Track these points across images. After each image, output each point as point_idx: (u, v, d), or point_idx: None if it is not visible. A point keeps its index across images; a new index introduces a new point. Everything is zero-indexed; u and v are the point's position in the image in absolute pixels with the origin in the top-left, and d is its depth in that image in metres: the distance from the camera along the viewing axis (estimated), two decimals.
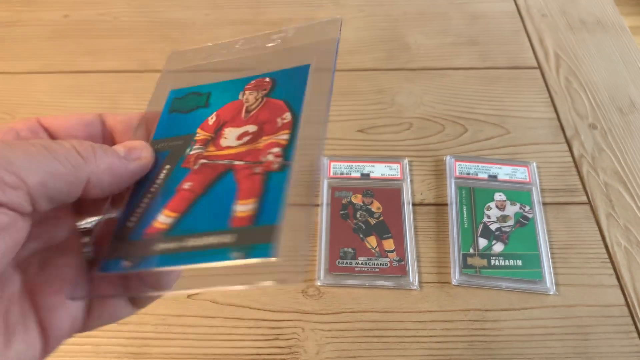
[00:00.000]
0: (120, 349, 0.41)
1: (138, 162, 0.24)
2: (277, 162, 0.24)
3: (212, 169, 0.24)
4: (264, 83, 0.27)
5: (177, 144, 0.26)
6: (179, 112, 0.27)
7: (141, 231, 0.23)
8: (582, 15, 0.66)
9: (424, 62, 0.61)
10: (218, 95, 0.27)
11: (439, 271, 0.45)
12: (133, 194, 0.25)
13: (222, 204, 0.23)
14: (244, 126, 0.26)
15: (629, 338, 0.41)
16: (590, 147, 0.53)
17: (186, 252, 0.22)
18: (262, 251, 0.22)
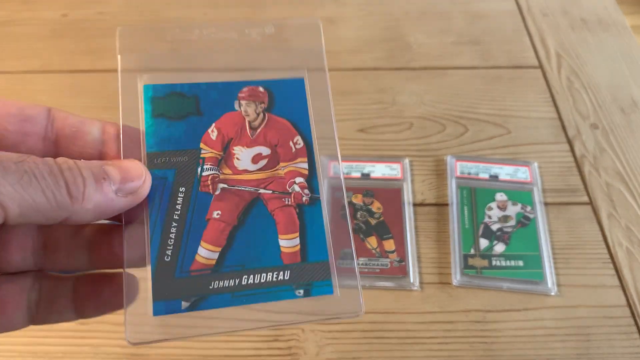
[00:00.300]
0: (119, 350, 0.40)
1: (131, 197, 0.22)
2: (306, 195, 0.25)
3: (238, 196, 0.24)
4: (259, 93, 0.26)
5: (182, 161, 0.25)
6: (168, 119, 0.25)
7: (187, 267, 0.23)
8: (584, 15, 0.66)
9: (425, 62, 0.60)
10: (209, 101, 0.26)
11: (439, 272, 0.45)
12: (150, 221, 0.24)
13: (266, 238, 0.24)
14: (254, 147, 0.25)
15: (631, 339, 0.41)
16: (591, 147, 0.53)
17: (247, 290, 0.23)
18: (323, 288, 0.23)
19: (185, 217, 0.23)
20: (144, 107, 0.25)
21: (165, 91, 0.26)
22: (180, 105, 0.26)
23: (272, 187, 0.25)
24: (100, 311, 0.23)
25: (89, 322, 0.41)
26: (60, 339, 0.41)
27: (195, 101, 0.26)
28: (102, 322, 0.42)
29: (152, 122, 0.25)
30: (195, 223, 0.23)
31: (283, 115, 0.26)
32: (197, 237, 0.23)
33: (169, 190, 0.24)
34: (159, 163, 0.24)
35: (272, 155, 0.25)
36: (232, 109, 0.26)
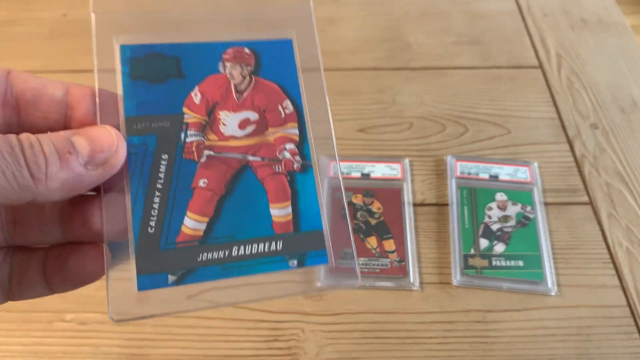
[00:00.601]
0: (119, 349, 0.40)
1: (102, 169, 0.20)
2: (298, 162, 0.24)
3: (225, 164, 0.23)
4: (244, 55, 0.25)
5: (164, 126, 0.23)
6: (147, 81, 0.24)
7: (172, 239, 0.22)
8: (584, 15, 0.66)
9: (425, 62, 0.60)
10: (190, 63, 0.24)
11: (439, 272, 0.45)
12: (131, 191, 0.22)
13: (256, 207, 0.23)
14: (241, 111, 0.24)
15: (631, 339, 0.41)
16: (591, 146, 0.53)
17: (237, 262, 0.22)
18: (317, 258, 0.22)
19: (169, 186, 0.22)
20: (122, 69, 0.24)
21: (144, 52, 0.24)
22: (161, 67, 0.24)
23: (261, 153, 0.24)
24: (70, 285, 0.22)
25: (89, 322, 0.41)
26: (60, 339, 0.41)
27: (176, 63, 0.24)
28: (102, 322, 0.42)
29: (131, 85, 0.23)
30: (180, 192, 0.22)
31: (271, 79, 0.25)
32: (183, 207, 0.22)
33: (151, 157, 0.22)
34: (138, 129, 0.23)
35: (261, 121, 0.24)
36: (216, 71, 0.24)
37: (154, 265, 0.21)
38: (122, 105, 0.23)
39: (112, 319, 0.20)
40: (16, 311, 0.42)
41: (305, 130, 0.24)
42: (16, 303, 0.42)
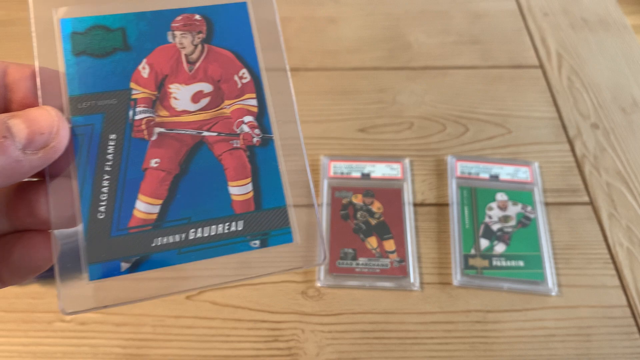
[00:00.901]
0: (118, 350, 0.40)
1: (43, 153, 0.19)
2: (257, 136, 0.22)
3: (178, 140, 0.22)
4: (195, 22, 0.23)
5: (111, 104, 0.21)
6: (91, 56, 0.22)
7: (124, 224, 0.20)
8: (584, 14, 0.66)
9: (426, 61, 0.60)
10: (137, 34, 0.23)
11: (440, 272, 0.45)
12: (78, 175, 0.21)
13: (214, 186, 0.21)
14: (194, 84, 0.22)
15: (631, 339, 0.41)
16: (592, 146, 0.53)
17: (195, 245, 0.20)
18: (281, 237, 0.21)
19: (119, 168, 0.21)
20: (63, 45, 0.22)
21: (86, 25, 0.22)
22: (105, 40, 0.22)
23: (217, 128, 0.22)
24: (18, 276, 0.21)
25: (89, 322, 0.41)
26: (60, 339, 0.41)
27: (122, 34, 0.22)
28: (101, 323, 0.41)
29: (73, 62, 0.22)
30: (130, 174, 0.21)
31: (225, 46, 0.23)
32: (134, 190, 0.21)
33: (98, 138, 0.21)
34: (83, 108, 0.21)
35: (215, 93, 0.22)
36: (165, 42, 0.23)
37: (105, 253, 0.20)
38: (65, 84, 0.21)
39: (64, 311, 0.19)
40: (16, 311, 0.42)
41: (265, 100, 0.23)
42: (16, 303, 0.43)
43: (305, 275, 0.44)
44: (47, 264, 0.20)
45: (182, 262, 0.20)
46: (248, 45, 0.23)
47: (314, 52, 0.60)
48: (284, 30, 0.63)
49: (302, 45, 0.61)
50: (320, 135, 0.53)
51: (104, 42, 0.22)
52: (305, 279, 0.44)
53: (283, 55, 0.23)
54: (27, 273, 0.21)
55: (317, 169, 0.50)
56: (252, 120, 0.22)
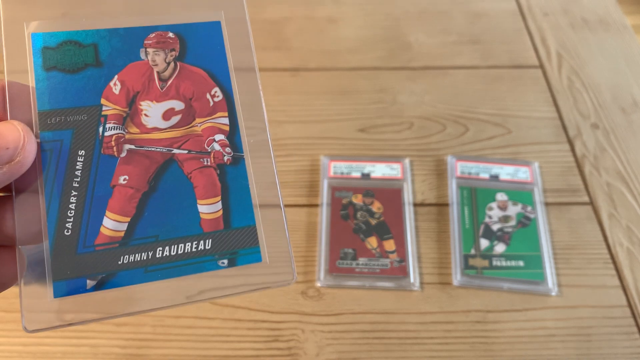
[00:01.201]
0: (118, 350, 0.40)
1: (8, 168, 0.18)
2: (228, 155, 0.22)
3: (148, 158, 0.22)
4: (168, 40, 0.23)
5: (81, 120, 0.21)
6: (62, 71, 0.22)
7: (91, 241, 0.20)
8: (584, 14, 0.66)
9: (426, 61, 0.60)
10: (109, 50, 0.22)
11: (440, 272, 0.45)
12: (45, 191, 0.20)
13: (183, 204, 0.21)
14: (165, 101, 0.22)
15: (631, 339, 0.41)
16: (592, 146, 0.53)
17: (162, 264, 0.20)
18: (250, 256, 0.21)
19: (87, 185, 0.21)
20: (34, 60, 0.22)
21: (58, 40, 0.22)
22: (76, 56, 0.22)
23: (187, 146, 0.22)
24: None
25: None
26: (60, 339, 0.41)
27: (94, 50, 0.22)
28: (101, 323, 0.41)
29: (44, 77, 0.22)
30: (98, 191, 0.21)
31: (198, 64, 0.23)
32: (102, 207, 0.21)
33: (66, 154, 0.21)
34: (53, 123, 0.21)
35: (187, 110, 0.22)
36: (138, 59, 0.23)
37: (71, 270, 0.20)
38: (34, 99, 0.21)
39: (26, 328, 0.19)
40: (16, 311, 0.42)
41: (237, 119, 0.23)
42: (16, 303, 0.42)
43: (305, 275, 0.44)
44: (12, 280, 0.20)
45: (148, 281, 0.20)
46: (221, 63, 0.23)
47: (313, 52, 0.60)
48: (284, 31, 0.63)
49: (302, 45, 0.61)
50: (320, 135, 0.53)
51: (75, 58, 0.22)
52: (305, 279, 0.44)
53: (256, 74, 0.23)
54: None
55: (317, 169, 0.50)
56: (224, 139, 0.22)
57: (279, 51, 0.60)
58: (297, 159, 0.51)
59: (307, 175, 0.50)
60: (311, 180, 0.50)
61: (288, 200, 0.49)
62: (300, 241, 0.46)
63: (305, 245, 0.46)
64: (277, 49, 0.61)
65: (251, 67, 0.23)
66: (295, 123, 0.54)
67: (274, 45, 0.61)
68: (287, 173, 0.50)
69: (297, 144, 0.53)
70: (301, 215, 0.47)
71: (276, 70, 0.59)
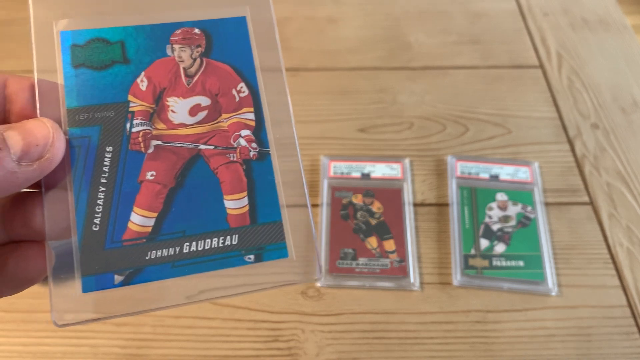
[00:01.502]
0: (118, 350, 0.40)
1: (39, 164, 0.19)
2: (254, 150, 0.22)
3: (174, 153, 0.22)
4: (194, 36, 0.23)
5: (108, 116, 0.22)
6: (90, 68, 0.22)
7: (119, 237, 0.20)
8: (585, 14, 0.66)
9: (426, 61, 0.60)
10: (136, 47, 0.23)
11: (440, 272, 0.45)
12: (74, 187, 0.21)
13: (209, 200, 0.21)
14: (192, 97, 0.23)
15: (631, 339, 0.41)
16: (592, 147, 0.53)
17: (189, 259, 0.20)
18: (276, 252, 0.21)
19: (115, 180, 0.21)
20: (62, 58, 0.22)
21: (86, 37, 0.22)
22: (104, 53, 0.22)
23: (214, 141, 0.22)
24: (11, 287, 0.21)
25: None
26: (60, 339, 0.41)
27: (121, 47, 0.23)
28: (102, 323, 0.41)
29: (72, 74, 0.22)
30: (126, 186, 0.21)
31: (223, 60, 0.23)
32: (129, 202, 0.21)
33: (94, 150, 0.21)
34: (81, 120, 0.21)
35: (213, 106, 0.23)
36: (164, 55, 0.23)
37: (98, 265, 0.20)
38: (63, 96, 0.22)
39: (56, 323, 0.19)
40: (16, 311, 0.42)
41: (263, 114, 0.23)
42: (16, 303, 0.42)
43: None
44: (41, 275, 0.20)
45: (175, 276, 0.20)
46: (247, 59, 0.23)
47: (313, 52, 0.60)
48: (284, 31, 0.63)
49: (302, 45, 0.61)
50: (320, 135, 0.53)
51: (103, 55, 0.22)
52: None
53: (282, 70, 0.23)
54: (21, 284, 0.20)
55: (317, 169, 0.50)
56: (250, 134, 0.22)
57: None
58: None
59: (307, 175, 0.50)
60: (311, 180, 0.50)
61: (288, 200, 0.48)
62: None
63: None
64: None
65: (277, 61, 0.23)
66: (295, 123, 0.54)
67: None
68: None
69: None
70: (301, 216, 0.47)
71: None
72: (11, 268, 0.20)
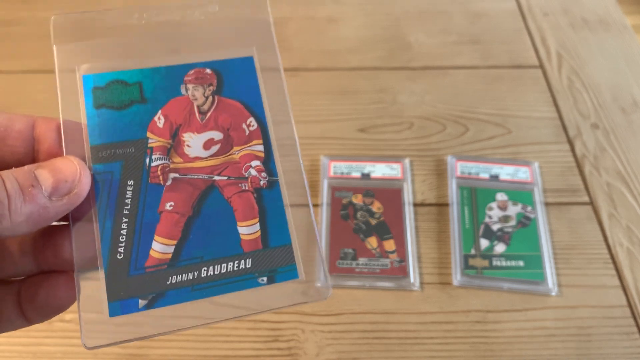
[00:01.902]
0: (118, 350, 0.40)
1: (68, 199, 0.20)
2: (264, 179, 0.24)
3: (191, 185, 0.24)
4: (206, 75, 0.25)
5: (129, 152, 0.23)
6: (110, 108, 0.24)
7: (141, 264, 0.22)
8: (584, 14, 0.66)
9: (426, 61, 0.60)
10: (152, 88, 0.25)
11: (440, 272, 0.45)
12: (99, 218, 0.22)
13: (224, 227, 0.23)
14: (205, 132, 0.24)
15: (631, 339, 0.41)
16: (592, 146, 0.53)
17: (207, 282, 0.22)
18: (287, 273, 0.23)
19: (136, 212, 0.23)
20: (85, 99, 0.24)
21: (106, 80, 0.24)
22: (123, 94, 0.24)
23: (227, 172, 0.24)
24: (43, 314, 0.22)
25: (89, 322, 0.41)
26: (60, 339, 0.41)
27: (139, 88, 0.25)
28: None
29: (94, 114, 0.24)
30: (147, 217, 0.23)
31: (234, 97, 0.25)
32: (151, 232, 0.22)
33: (117, 184, 0.23)
34: (104, 156, 0.23)
35: (225, 140, 0.24)
36: (179, 94, 0.25)
37: (124, 291, 0.22)
38: (86, 135, 0.23)
39: (86, 345, 0.21)
40: None
41: (271, 146, 0.25)
42: None
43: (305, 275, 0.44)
44: (70, 302, 0.22)
45: (195, 299, 0.22)
46: (255, 95, 0.25)
47: (313, 52, 0.60)
48: (284, 31, 0.63)
49: (302, 45, 0.61)
50: (320, 135, 0.53)
51: (122, 96, 0.24)
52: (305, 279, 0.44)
53: (288, 105, 0.25)
54: (51, 312, 0.22)
55: (317, 169, 0.50)
56: (259, 165, 0.24)
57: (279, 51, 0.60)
58: None
59: (307, 175, 0.50)
60: (311, 180, 0.50)
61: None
62: (300, 241, 0.46)
63: (305, 245, 0.46)
64: None
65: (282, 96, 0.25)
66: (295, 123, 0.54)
67: None
68: None
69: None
70: None
71: None
72: (42, 297, 0.22)
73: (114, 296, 0.22)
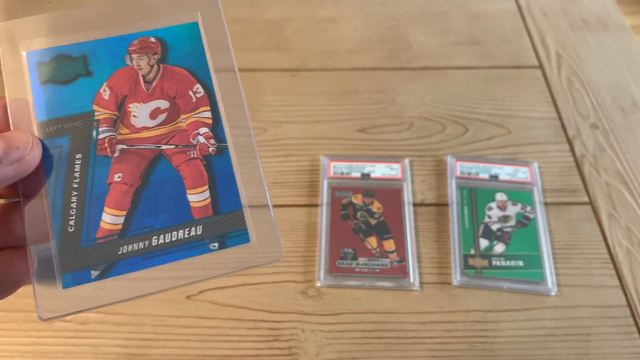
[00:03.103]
0: (119, 349, 0.40)
1: (18, 165, 0.21)
2: (212, 146, 0.24)
3: (138, 155, 0.24)
4: (150, 44, 0.25)
5: (76, 126, 0.24)
6: (56, 83, 0.24)
7: (92, 236, 0.22)
8: (584, 15, 0.66)
9: (425, 62, 0.60)
10: (97, 60, 0.25)
11: (439, 272, 0.45)
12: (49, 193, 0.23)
13: (174, 195, 0.23)
14: (151, 101, 0.24)
15: (631, 339, 0.41)
16: (591, 147, 0.53)
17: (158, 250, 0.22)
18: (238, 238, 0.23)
19: (85, 184, 0.23)
20: (30, 75, 0.24)
21: (51, 55, 0.24)
22: (68, 68, 0.24)
23: (174, 141, 0.24)
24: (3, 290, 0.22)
25: (89, 321, 0.41)
26: (60, 339, 0.41)
27: (84, 61, 0.24)
28: (102, 323, 0.42)
29: (40, 90, 0.24)
30: (96, 189, 0.23)
31: (179, 64, 0.25)
32: (100, 203, 0.23)
33: (65, 158, 0.23)
34: (51, 131, 0.23)
35: (172, 108, 0.24)
36: (124, 65, 0.25)
37: (76, 263, 0.22)
38: (33, 111, 0.23)
39: (41, 317, 0.21)
40: (16, 311, 0.42)
41: (219, 112, 0.25)
42: (16, 303, 0.43)
43: (305, 275, 0.44)
44: (25, 278, 0.22)
45: (147, 267, 0.22)
46: (201, 61, 0.25)
47: (313, 53, 0.60)
48: (284, 31, 0.63)
49: (302, 45, 0.61)
50: (320, 136, 0.53)
51: (67, 70, 0.24)
52: (305, 279, 0.44)
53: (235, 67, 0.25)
54: (9, 286, 0.22)
55: (317, 169, 0.50)
56: (207, 131, 0.24)
57: (279, 51, 0.60)
58: (297, 159, 0.51)
59: (307, 175, 0.50)
60: (311, 180, 0.50)
61: (288, 200, 0.49)
62: (300, 241, 0.46)
63: (305, 245, 0.46)
64: (277, 50, 0.61)
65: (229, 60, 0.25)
66: (295, 123, 0.54)
67: (274, 45, 0.61)
68: (287, 173, 0.50)
69: (297, 144, 0.53)
70: (301, 215, 0.48)
71: (276, 71, 0.59)
72: None
73: (67, 268, 0.22)
